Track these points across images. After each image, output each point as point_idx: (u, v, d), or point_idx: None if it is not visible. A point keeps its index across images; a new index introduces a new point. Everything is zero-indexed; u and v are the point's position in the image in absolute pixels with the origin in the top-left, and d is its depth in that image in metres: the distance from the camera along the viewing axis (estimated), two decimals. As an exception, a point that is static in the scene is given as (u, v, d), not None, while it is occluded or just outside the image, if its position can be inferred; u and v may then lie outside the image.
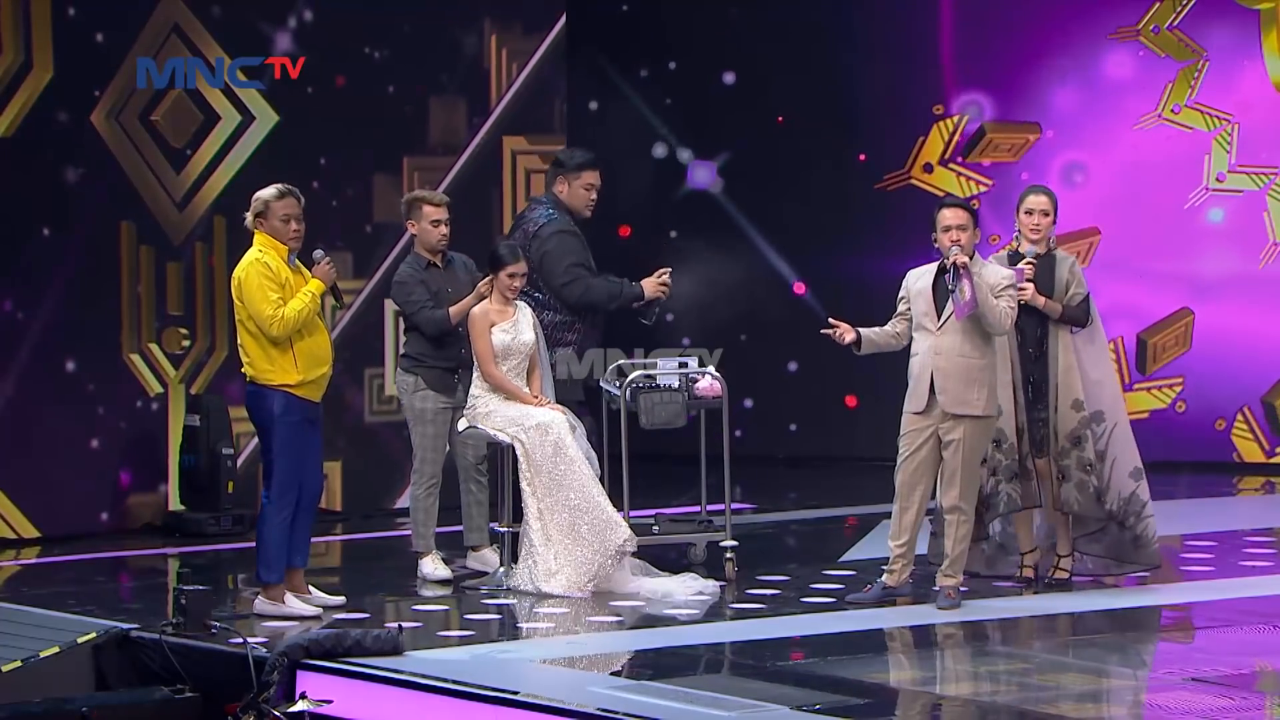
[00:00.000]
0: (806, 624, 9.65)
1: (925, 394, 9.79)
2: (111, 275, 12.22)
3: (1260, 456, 15.06)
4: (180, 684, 8.86)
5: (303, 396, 9.57)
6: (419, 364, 10.63)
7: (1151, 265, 15.16)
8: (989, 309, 9.71)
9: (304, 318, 9.50)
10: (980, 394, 9.77)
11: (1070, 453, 10.19)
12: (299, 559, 9.72)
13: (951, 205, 9.93)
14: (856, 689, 8.41)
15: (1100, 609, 10.02)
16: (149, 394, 12.36)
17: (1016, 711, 8.25)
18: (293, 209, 9.59)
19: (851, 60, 15.45)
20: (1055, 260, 10.28)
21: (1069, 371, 10.19)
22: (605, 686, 8.46)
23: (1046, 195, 10.37)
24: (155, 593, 10.79)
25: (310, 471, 9.72)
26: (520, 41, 13.47)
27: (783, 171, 15.44)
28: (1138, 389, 15.23)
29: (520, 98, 13.44)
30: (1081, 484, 10.20)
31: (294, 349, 9.54)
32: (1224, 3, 14.95)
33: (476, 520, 10.73)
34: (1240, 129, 14.99)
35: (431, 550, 10.66)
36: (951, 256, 9.70)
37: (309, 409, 9.62)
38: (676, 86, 15.64)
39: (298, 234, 9.62)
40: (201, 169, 12.50)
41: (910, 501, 9.88)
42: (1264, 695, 8.56)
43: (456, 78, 13.24)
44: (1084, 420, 10.18)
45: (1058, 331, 10.23)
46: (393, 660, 8.68)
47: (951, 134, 15.39)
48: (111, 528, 12.15)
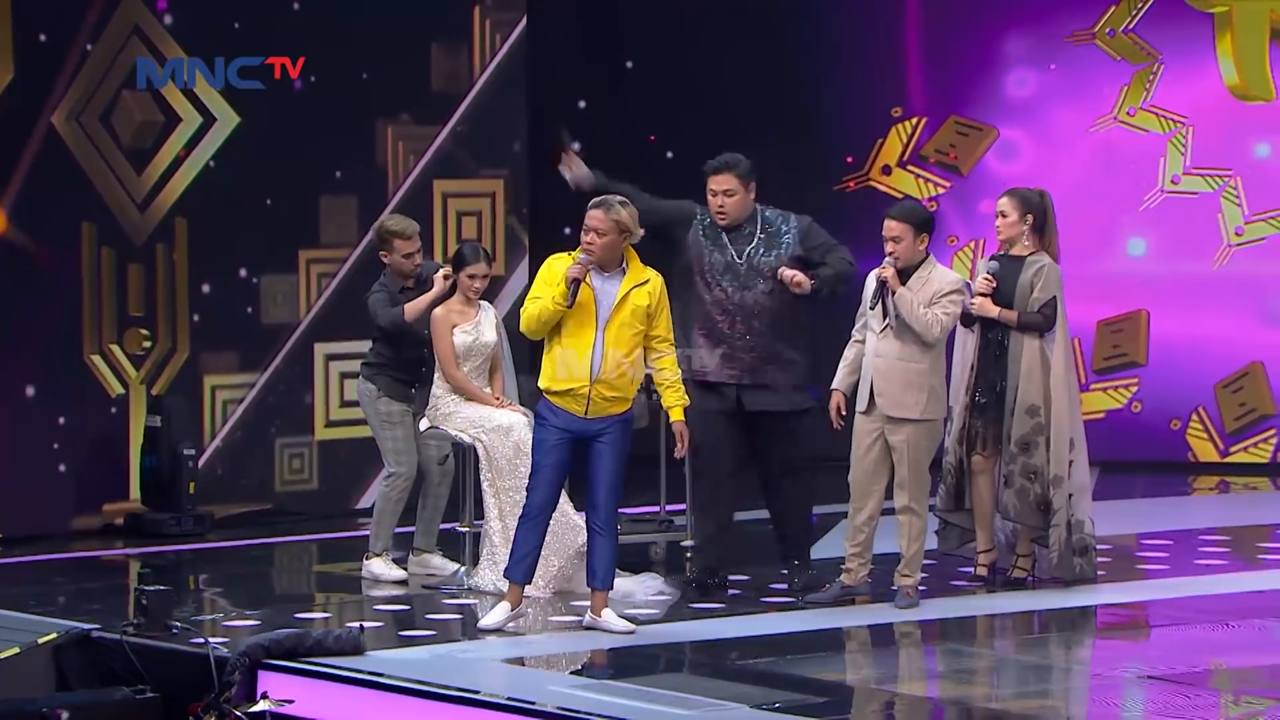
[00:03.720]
0: (766, 623, 9.67)
1: (867, 395, 9.87)
2: (73, 276, 12.19)
3: (1214, 456, 15.09)
4: (141, 684, 8.83)
5: (560, 406, 9.33)
6: (379, 371, 10.65)
7: (1107, 266, 15.25)
8: (914, 320, 9.75)
9: (539, 316, 9.25)
10: (919, 397, 9.81)
11: (1017, 458, 10.20)
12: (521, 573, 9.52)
13: (893, 215, 9.98)
14: (816, 688, 8.45)
15: (1056, 607, 10.05)
16: (110, 395, 12.33)
17: (972, 709, 8.30)
18: (589, 220, 9.31)
19: (810, 62, 15.49)
20: (1023, 264, 10.28)
21: (1030, 377, 10.20)
22: (566, 686, 8.48)
23: (1009, 197, 10.39)
24: (116, 593, 10.76)
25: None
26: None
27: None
28: (1094, 389, 15.28)
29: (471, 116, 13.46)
30: (1022, 490, 10.19)
31: (553, 355, 9.34)
32: (1178, 7, 15.00)
33: (429, 525, 10.72)
34: (1195, 132, 15.06)
35: (386, 551, 10.66)
36: (880, 270, 9.81)
37: (571, 420, 9.33)
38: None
39: (588, 245, 9.30)
40: (162, 170, 12.47)
41: (864, 502, 9.92)
42: (1218, 693, 8.61)
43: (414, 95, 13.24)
44: (1037, 427, 10.18)
45: (1022, 337, 10.23)
46: (354, 660, 8.68)
47: (910, 136, 15.45)
48: (72, 529, 12.10)
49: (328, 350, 12.92)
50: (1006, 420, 10.24)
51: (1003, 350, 10.25)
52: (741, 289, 10.16)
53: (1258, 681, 8.78)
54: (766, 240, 10.20)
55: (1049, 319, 10.22)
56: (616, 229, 9.31)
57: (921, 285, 9.83)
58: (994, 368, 10.28)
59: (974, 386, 10.30)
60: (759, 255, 10.17)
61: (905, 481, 9.85)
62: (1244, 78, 15.02)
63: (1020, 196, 10.37)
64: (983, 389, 10.28)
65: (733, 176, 10.15)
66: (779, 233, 10.23)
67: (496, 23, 13.52)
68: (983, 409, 10.28)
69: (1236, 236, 15.06)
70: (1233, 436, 15.09)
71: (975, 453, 10.31)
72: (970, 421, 10.30)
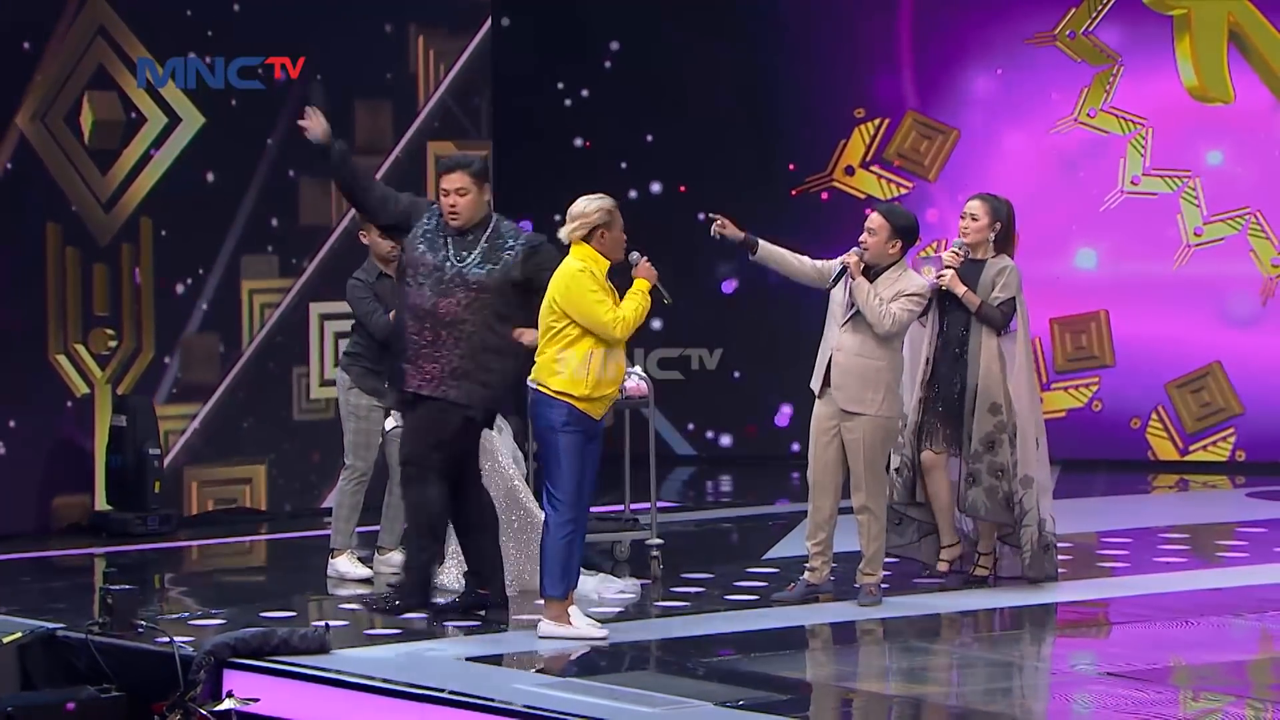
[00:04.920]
0: (730, 621, 9.70)
1: (821, 377, 9.88)
2: (37, 276, 12.18)
3: (1174, 455, 15.19)
4: (106, 683, 8.81)
5: (585, 411, 9.21)
6: (354, 361, 10.65)
7: (1067, 266, 15.33)
8: (867, 309, 9.77)
9: (641, 316, 9.24)
10: (877, 394, 9.84)
11: (983, 457, 10.24)
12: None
13: (880, 209, 10.04)
14: (779, 685, 8.48)
15: (1017, 605, 10.10)
16: (75, 394, 12.33)
17: (934, 706, 8.32)
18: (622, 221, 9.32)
19: (772, 63, 15.55)
20: (985, 265, 10.34)
21: (989, 375, 10.24)
22: (531, 684, 8.48)
23: (981, 202, 10.44)
24: (82, 592, 10.75)
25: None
26: (446, 42, 13.53)
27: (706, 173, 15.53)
28: (1055, 388, 15.37)
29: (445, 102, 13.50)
30: (991, 489, 10.24)
31: (610, 361, 9.21)
32: (1138, 9, 15.08)
33: (393, 523, 10.69)
34: (1154, 133, 15.16)
35: (349, 548, 10.68)
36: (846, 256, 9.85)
37: (589, 425, 9.23)
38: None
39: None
40: (127, 171, 12.47)
41: (822, 500, 9.96)
42: (1178, 689, 8.65)
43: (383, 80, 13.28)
44: (1000, 425, 10.22)
45: (980, 335, 10.29)
46: (319, 659, 8.68)
47: (872, 137, 15.51)
48: (38, 528, 12.09)
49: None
50: (967, 421, 10.28)
51: (963, 350, 10.30)
52: (438, 295, 9.56)
53: (1216, 678, 8.81)
54: (488, 251, 9.61)
55: (1006, 317, 10.28)
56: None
57: (888, 286, 9.87)
58: (953, 367, 10.32)
59: (928, 382, 10.35)
60: (472, 266, 9.58)
61: (861, 479, 9.89)
62: (1203, 79, 15.12)
63: (992, 203, 10.42)
64: (940, 388, 10.31)
65: (465, 175, 9.63)
66: (503, 246, 9.62)
67: (440, 52, 13.48)
68: (939, 407, 10.31)
69: (1196, 237, 15.17)
70: (1193, 436, 15.20)
71: (926, 448, 10.35)
72: (925, 418, 10.33)
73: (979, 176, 15.01)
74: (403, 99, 13.29)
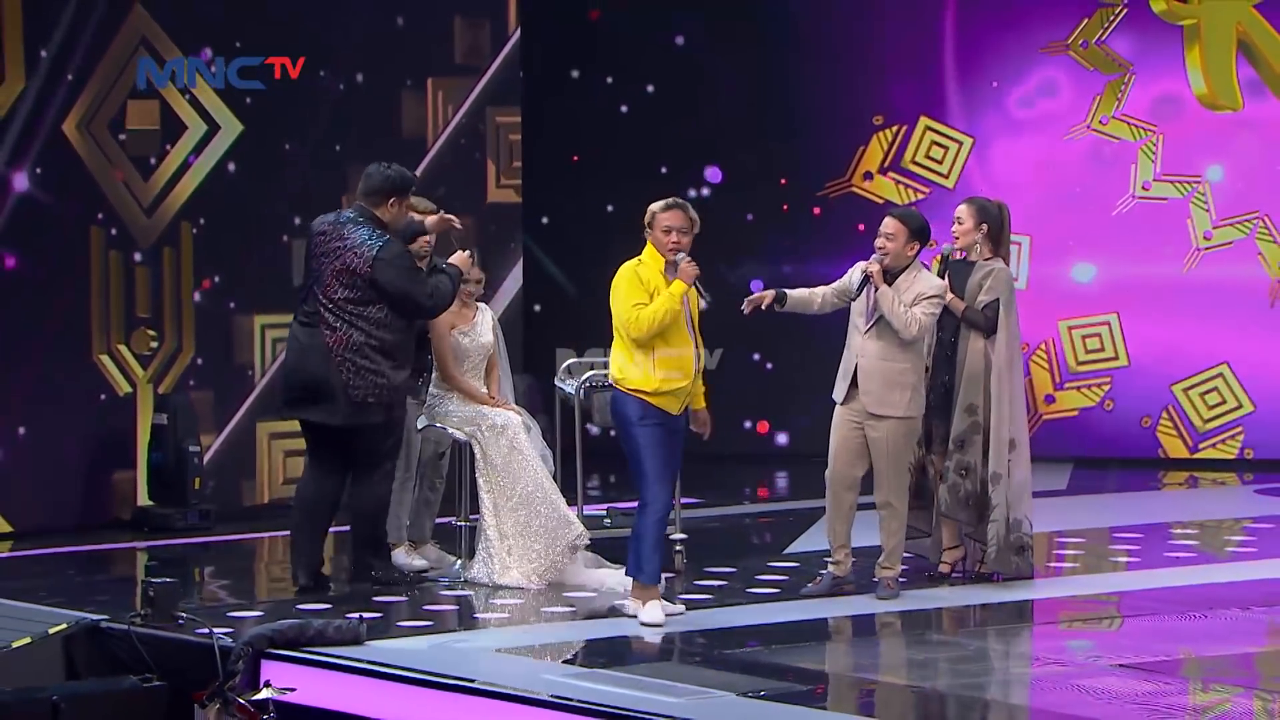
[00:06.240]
0: (752, 614, 9.74)
1: (846, 388, 9.95)
2: (82, 279, 12.32)
3: (1184, 453, 15.23)
4: (148, 673, 8.83)
5: (658, 406, 9.33)
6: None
7: (1080, 270, 15.45)
8: (894, 316, 9.85)
9: (660, 319, 9.26)
10: (903, 395, 9.92)
11: (953, 455, 10.28)
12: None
13: (894, 214, 10.11)
14: (799, 676, 8.55)
15: (1033, 598, 10.14)
16: (118, 393, 12.45)
17: (951, 698, 8.37)
18: (675, 221, 9.36)
19: (794, 72, 15.66)
20: (975, 268, 10.38)
21: (972, 377, 10.27)
22: (558, 674, 8.57)
23: (967, 205, 10.47)
24: (124, 585, 10.79)
25: None
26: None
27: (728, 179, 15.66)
28: (1068, 387, 15.49)
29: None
30: (954, 486, 10.26)
31: (654, 357, 9.35)
32: (1149, 19, 15.13)
33: (420, 519, 10.74)
34: (1165, 139, 15.22)
35: (404, 541, 10.70)
36: (867, 265, 9.97)
37: (666, 418, 9.35)
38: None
39: (676, 246, 9.37)
40: (168, 177, 12.61)
41: (842, 495, 10.01)
42: (1188, 680, 8.68)
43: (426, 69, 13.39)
44: (974, 425, 10.24)
45: (969, 337, 10.32)
46: (354, 650, 8.73)
47: (890, 143, 15.64)
48: (82, 523, 12.20)
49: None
50: (952, 420, 10.36)
51: (954, 350, 10.34)
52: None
53: (1225, 670, 8.85)
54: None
55: (990, 320, 10.27)
56: (693, 226, 9.48)
57: (906, 287, 9.95)
58: (945, 368, 10.36)
59: (929, 387, 10.33)
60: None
61: (884, 476, 9.95)
62: (1212, 87, 15.25)
63: (978, 206, 10.45)
64: (934, 389, 10.34)
65: None
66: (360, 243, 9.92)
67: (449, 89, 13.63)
68: (935, 409, 10.34)
69: (1205, 241, 15.30)
70: (1203, 434, 15.31)
71: (933, 452, 10.41)
72: (927, 421, 10.32)
73: (994, 182, 15.09)
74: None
